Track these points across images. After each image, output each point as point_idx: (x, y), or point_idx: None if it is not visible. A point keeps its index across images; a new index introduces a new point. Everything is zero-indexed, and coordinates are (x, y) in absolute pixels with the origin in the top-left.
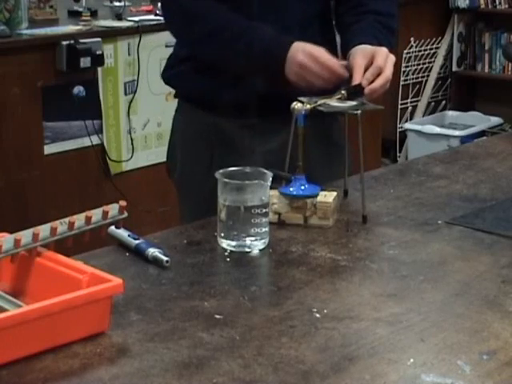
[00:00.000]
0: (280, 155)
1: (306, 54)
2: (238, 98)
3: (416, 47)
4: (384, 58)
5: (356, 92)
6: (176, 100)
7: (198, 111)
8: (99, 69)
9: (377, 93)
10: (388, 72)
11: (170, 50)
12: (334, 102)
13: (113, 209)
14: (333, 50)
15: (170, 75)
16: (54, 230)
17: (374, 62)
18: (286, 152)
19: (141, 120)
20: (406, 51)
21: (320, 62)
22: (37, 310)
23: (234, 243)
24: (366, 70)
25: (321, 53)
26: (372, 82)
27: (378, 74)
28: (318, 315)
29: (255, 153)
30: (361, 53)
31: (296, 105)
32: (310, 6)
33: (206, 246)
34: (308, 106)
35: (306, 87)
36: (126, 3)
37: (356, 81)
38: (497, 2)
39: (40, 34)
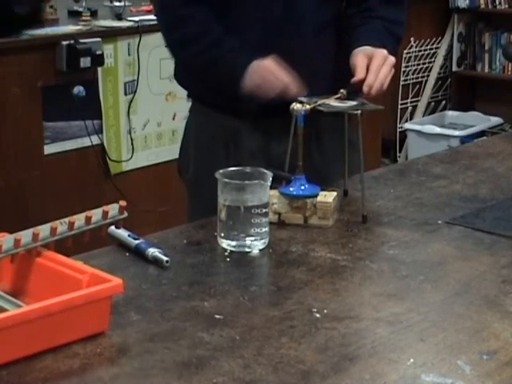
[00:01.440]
0: (295, 156)
1: (269, 60)
2: (253, 100)
3: (416, 47)
4: (381, 61)
5: (355, 90)
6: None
7: (212, 113)
8: (99, 69)
9: (375, 90)
10: (382, 75)
11: None
12: (334, 102)
13: (113, 209)
14: (346, 53)
15: (182, 77)
16: (53, 230)
17: (370, 66)
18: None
19: (141, 120)
20: (405, 51)
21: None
22: (37, 310)
23: (234, 243)
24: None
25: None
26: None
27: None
28: (318, 315)
29: (270, 154)
30: (362, 53)
31: (296, 105)
32: (324, 10)
33: (206, 245)
34: (308, 106)
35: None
36: (126, 3)
37: (358, 77)
38: (497, 2)
39: (40, 34)
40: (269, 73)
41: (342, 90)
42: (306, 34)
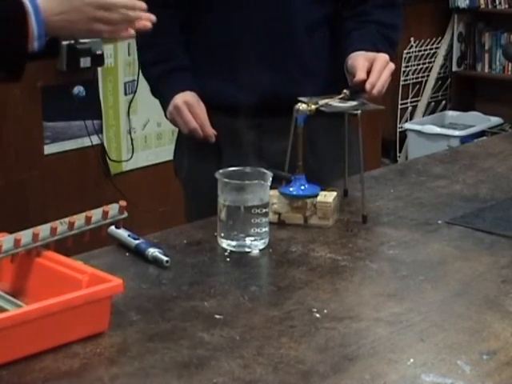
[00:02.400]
0: (294, 156)
1: (183, 100)
2: (246, 98)
3: (416, 47)
4: (383, 64)
5: (358, 90)
6: None
7: (208, 111)
8: (99, 69)
9: (377, 89)
10: (384, 77)
11: None
12: (335, 102)
13: (113, 209)
14: (340, 55)
15: None
16: (54, 230)
17: (373, 66)
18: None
19: (141, 120)
20: (405, 51)
21: (192, 111)
22: (37, 310)
23: (234, 243)
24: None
25: (195, 103)
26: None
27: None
28: (318, 315)
29: (263, 153)
30: (362, 56)
31: (300, 106)
32: (317, 9)
33: (206, 245)
34: (312, 107)
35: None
36: None
37: (360, 77)
38: (497, 2)
39: None
40: (177, 114)
41: (345, 91)
42: (298, 34)
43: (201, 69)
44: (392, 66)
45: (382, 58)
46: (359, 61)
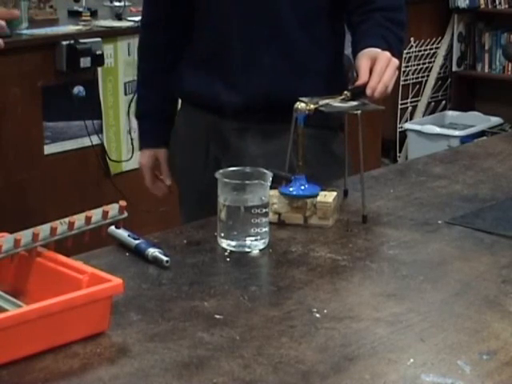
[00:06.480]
0: (273, 160)
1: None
2: (235, 101)
3: (416, 47)
4: (384, 63)
5: (359, 93)
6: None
7: (197, 110)
8: (99, 69)
9: (378, 92)
10: (386, 78)
11: None
12: (335, 103)
13: (113, 209)
14: (340, 49)
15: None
16: (53, 230)
17: (374, 68)
18: (280, 157)
19: None
20: (406, 51)
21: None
22: (37, 310)
23: (233, 243)
24: (370, 71)
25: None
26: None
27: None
28: (317, 315)
29: (249, 155)
30: (366, 55)
31: (299, 105)
32: (308, 3)
33: (206, 246)
34: (312, 106)
35: None
36: (126, 3)
37: (362, 81)
38: (497, 2)
39: (40, 34)
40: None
41: (345, 92)
42: (288, 29)
43: (189, 67)
44: (395, 62)
45: (384, 56)
46: (362, 61)
